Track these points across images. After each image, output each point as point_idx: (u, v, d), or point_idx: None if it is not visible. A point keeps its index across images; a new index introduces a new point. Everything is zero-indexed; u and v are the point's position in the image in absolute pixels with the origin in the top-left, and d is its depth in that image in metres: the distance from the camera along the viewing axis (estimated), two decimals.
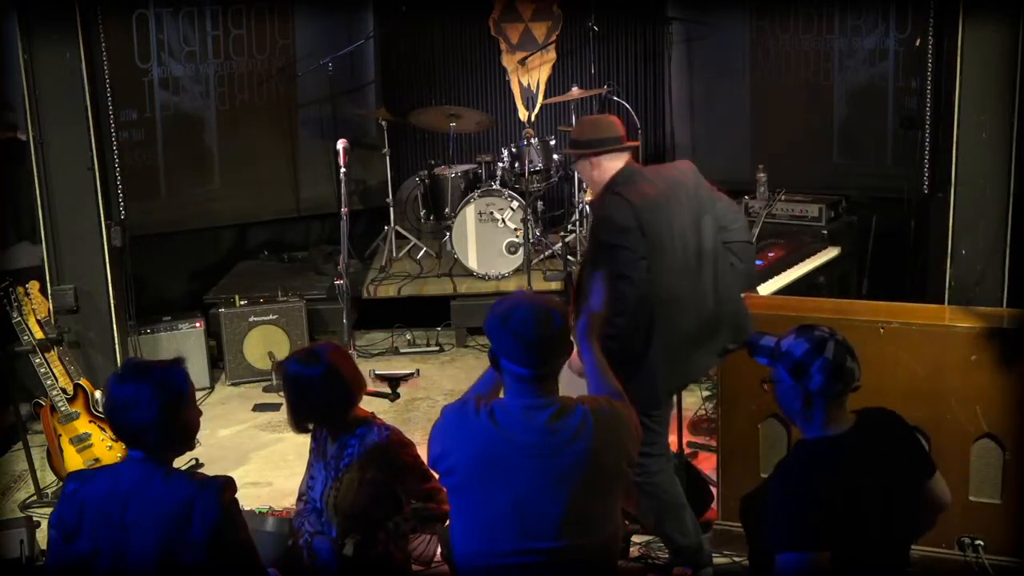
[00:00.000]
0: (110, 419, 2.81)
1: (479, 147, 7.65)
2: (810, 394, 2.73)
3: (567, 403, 2.82)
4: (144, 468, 2.76)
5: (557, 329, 2.80)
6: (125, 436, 2.79)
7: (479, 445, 2.76)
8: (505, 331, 2.78)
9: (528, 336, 2.76)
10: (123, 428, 2.77)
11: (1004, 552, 3.80)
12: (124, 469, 2.79)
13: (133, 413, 2.72)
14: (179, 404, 2.77)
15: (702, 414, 5.38)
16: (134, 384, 2.74)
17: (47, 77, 5.07)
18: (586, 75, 7.56)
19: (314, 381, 3.24)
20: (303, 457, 3.41)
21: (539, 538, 2.74)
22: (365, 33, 7.72)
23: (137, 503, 2.70)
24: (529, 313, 2.79)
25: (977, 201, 4.92)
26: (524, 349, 2.77)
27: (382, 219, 7.39)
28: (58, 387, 4.80)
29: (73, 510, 2.74)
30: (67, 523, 2.74)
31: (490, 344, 2.88)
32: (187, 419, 2.81)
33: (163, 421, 2.72)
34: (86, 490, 2.76)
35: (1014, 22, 4.73)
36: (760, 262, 4.86)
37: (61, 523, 2.75)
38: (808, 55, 6.84)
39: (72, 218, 5.20)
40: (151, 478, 2.74)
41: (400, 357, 6.69)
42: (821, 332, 2.76)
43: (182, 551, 2.67)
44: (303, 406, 3.31)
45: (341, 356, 3.34)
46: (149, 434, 2.74)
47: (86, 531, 2.72)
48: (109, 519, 2.70)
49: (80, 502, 2.74)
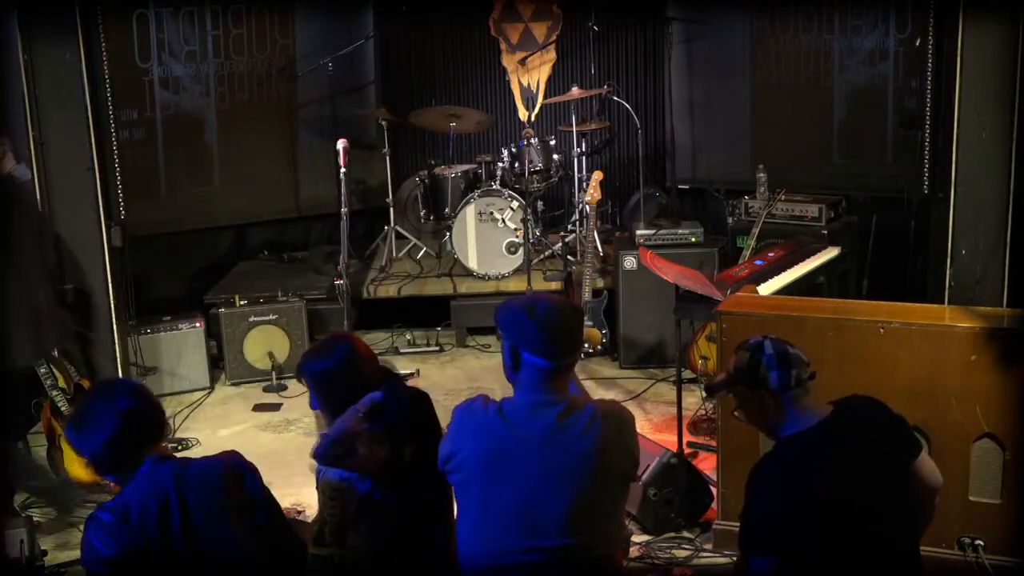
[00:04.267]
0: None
1: (479, 147, 7.65)
2: (773, 395, 2.76)
3: (576, 401, 2.84)
4: (158, 468, 2.78)
5: (579, 320, 2.88)
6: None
7: (487, 441, 2.77)
8: (531, 322, 2.80)
9: (555, 325, 2.79)
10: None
11: (1004, 552, 3.80)
12: (145, 481, 2.80)
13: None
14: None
15: (702, 414, 5.38)
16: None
17: (47, 77, 5.07)
18: (586, 75, 7.56)
19: (335, 371, 3.15)
20: (303, 457, 3.42)
21: (544, 536, 2.75)
22: (365, 33, 7.71)
23: (192, 489, 2.76)
24: (553, 305, 2.84)
25: (977, 201, 4.92)
26: (550, 338, 2.79)
27: (382, 219, 7.39)
28: (58, 387, 4.80)
29: (130, 534, 2.72)
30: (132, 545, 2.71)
31: (506, 341, 2.86)
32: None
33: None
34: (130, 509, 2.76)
35: (1014, 22, 4.73)
36: (760, 262, 4.86)
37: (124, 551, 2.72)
38: (808, 55, 6.84)
39: (72, 218, 5.20)
40: (174, 470, 2.78)
41: (400, 357, 6.70)
42: (754, 340, 2.84)
43: (252, 513, 2.79)
44: (335, 400, 3.19)
45: (352, 339, 3.27)
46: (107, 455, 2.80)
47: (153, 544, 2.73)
48: (167, 523, 2.73)
49: (133, 522, 2.73)
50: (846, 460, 2.70)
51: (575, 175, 7.11)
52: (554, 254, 7.00)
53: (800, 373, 2.77)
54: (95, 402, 2.86)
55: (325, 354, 3.17)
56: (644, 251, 5.02)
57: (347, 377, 3.15)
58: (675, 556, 4.22)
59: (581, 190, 6.95)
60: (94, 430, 2.79)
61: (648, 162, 7.52)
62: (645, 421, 5.52)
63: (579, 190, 7.02)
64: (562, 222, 7.46)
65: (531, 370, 2.81)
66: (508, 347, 2.85)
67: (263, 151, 7.44)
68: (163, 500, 2.74)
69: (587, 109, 7.54)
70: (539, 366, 2.79)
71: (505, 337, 2.87)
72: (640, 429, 3.36)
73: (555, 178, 7.09)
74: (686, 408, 5.05)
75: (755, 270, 4.75)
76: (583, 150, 7.17)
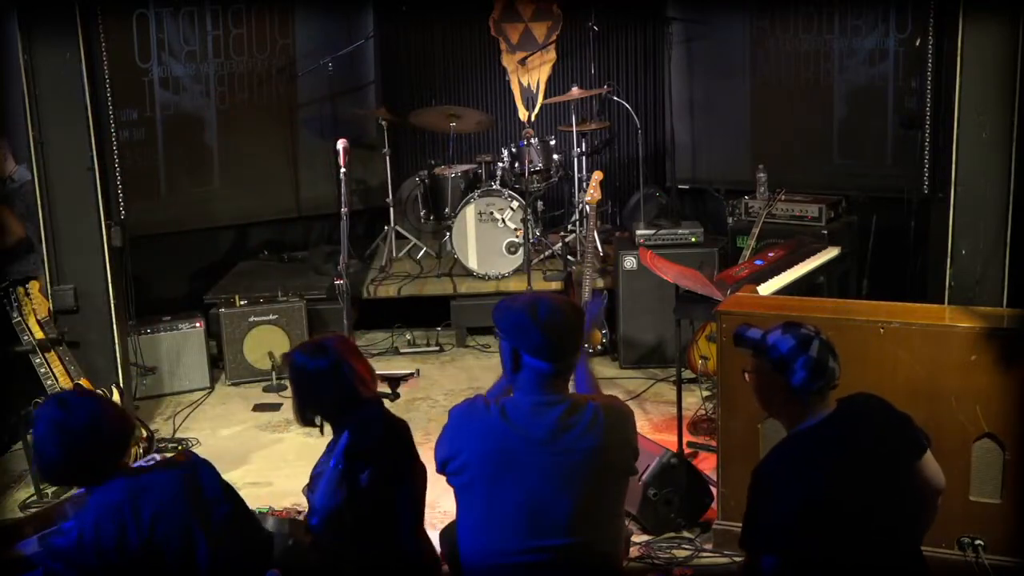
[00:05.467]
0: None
1: (479, 147, 7.66)
2: (791, 389, 2.75)
3: (578, 400, 2.83)
4: (115, 484, 2.77)
5: (580, 320, 2.84)
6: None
7: (490, 441, 2.76)
8: (533, 326, 2.76)
9: (557, 328, 2.76)
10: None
11: (1004, 552, 3.80)
12: (96, 500, 2.77)
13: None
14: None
15: (702, 414, 5.38)
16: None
17: (47, 77, 5.06)
18: (586, 75, 7.57)
19: (320, 374, 3.17)
20: (303, 457, 3.43)
21: (548, 535, 2.75)
22: (365, 33, 7.72)
23: (146, 502, 2.73)
24: (554, 306, 2.80)
25: (977, 201, 4.92)
26: (551, 341, 2.76)
27: (382, 219, 7.39)
28: (58, 387, 4.80)
29: (86, 557, 2.70)
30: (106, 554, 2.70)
31: (506, 342, 2.84)
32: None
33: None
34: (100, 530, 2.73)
35: (1014, 22, 4.72)
36: (760, 262, 4.86)
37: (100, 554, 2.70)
38: (808, 55, 6.84)
39: (72, 218, 5.20)
40: (128, 485, 2.76)
41: (400, 357, 6.70)
42: (807, 330, 2.80)
43: (213, 508, 2.77)
44: (308, 399, 3.27)
45: (349, 350, 3.27)
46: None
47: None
48: (124, 542, 2.70)
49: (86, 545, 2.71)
50: (850, 458, 2.70)
51: (575, 175, 7.11)
52: (554, 254, 7.00)
53: (826, 385, 2.77)
54: (43, 417, 2.81)
55: (316, 354, 3.17)
56: (644, 251, 5.03)
57: (327, 384, 3.16)
58: (675, 556, 4.22)
59: (581, 190, 6.95)
60: (40, 444, 2.78)
61: (648, 162, 7.52)
62: (645, 421, 5.52)
63: (579, 190, 7.02)
64: (562, 222, 7.46)
65: (532, 372, 2.80)
66: (508, 349, 2.83)
67: (263, 151, 7.45)
68: (118, 519, 2.70)
69: (587, 109, 7.55)
70: (541, 369, 2.78)
71: (505, 339, 2.84)
72: (640, 429, 3.36)
73: (555, 178, 7.09)
74: (686, 408, 5.05)
75: (755, 270, 4.75)
76: (583, 150, 7.17)
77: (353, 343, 3.37)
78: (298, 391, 3.25)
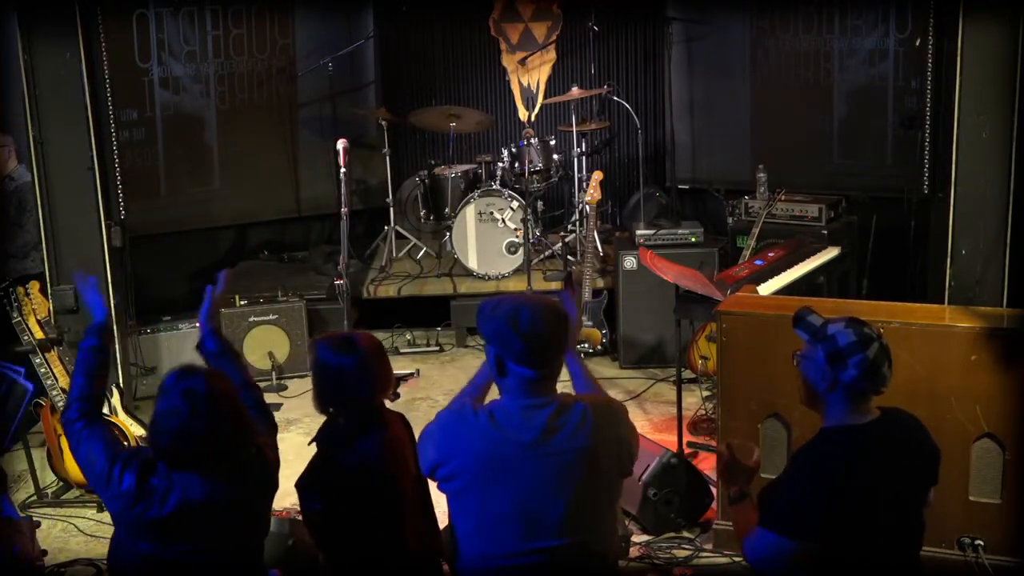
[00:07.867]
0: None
1: (479, 147, 7.66)
2: (839, 383, 2.74)
3: (566, 401, 2.82)
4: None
5: (564, 324, 2.80)
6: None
7: (480, 448, 2.75)
8: (514, 334, 2.73)
9: (540, 337, 2.73)
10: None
11: (1004, 552, 3.80)
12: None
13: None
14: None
15: (702, 414, 5.38)
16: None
17: (47, 77, 5.07)
18: (586, 75, 7.56)
19: (343, 371, 3.08)
20: (303, 457, 3.40)
21: (542, 537, 2.74)
22: (365, 33, 7.72)
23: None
24: (537, 314, 2.75)
25: (977, 201, 4.92)
26: (534, 350, 2.73)
27: (382, 219, 7.39)
28: (58, 387, 4.80)
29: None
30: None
31: (490, 347, 2.81)
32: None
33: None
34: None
35: (1014, 22, 4.73)
36: (760, 262, 4.86)
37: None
38: (808, 55, 6.84)
39: (72, 218, 5.20)
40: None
41: (400, 357, 6.70)
42: (870, 330, 2.79)
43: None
44: (326, 391, 3.17)
45: (376, 350, 3.18)
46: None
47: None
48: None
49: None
50: (887, 465, 2.72)
51: (575, 175, 7.11)
52: (554, 254, 7.00)
53: (874, 389, 2.77)
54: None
55: (343, 350, 3.09)
56: (644, 251, 5.03)
57: (347, 382, 3.09)
58: (675, 556, 4.22)
59: (581, 190, 6.95)
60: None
61: (648, 162, 7.52)
62: (645, 421, 5.52)
63: (579, 190, 7.02)
64: (562, 222, 7.46)
65: (518, 377, 2.78)
66: (493, 355, 2.80)
67: (263, 151, 7.44)
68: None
69: (587, 109, 7.54)
70: (525, 376, 2.77)
71: (489, 344, 2.82)
72: (640, 429, 3.35)
73: (555, 178, 7.09)
74: (686, 408, 5.05)
75: (755, 270, 4.75)
76: (583, 150, 7.17)
77: (380, 343, 3.23)
78: (317, 383, 3.16)
